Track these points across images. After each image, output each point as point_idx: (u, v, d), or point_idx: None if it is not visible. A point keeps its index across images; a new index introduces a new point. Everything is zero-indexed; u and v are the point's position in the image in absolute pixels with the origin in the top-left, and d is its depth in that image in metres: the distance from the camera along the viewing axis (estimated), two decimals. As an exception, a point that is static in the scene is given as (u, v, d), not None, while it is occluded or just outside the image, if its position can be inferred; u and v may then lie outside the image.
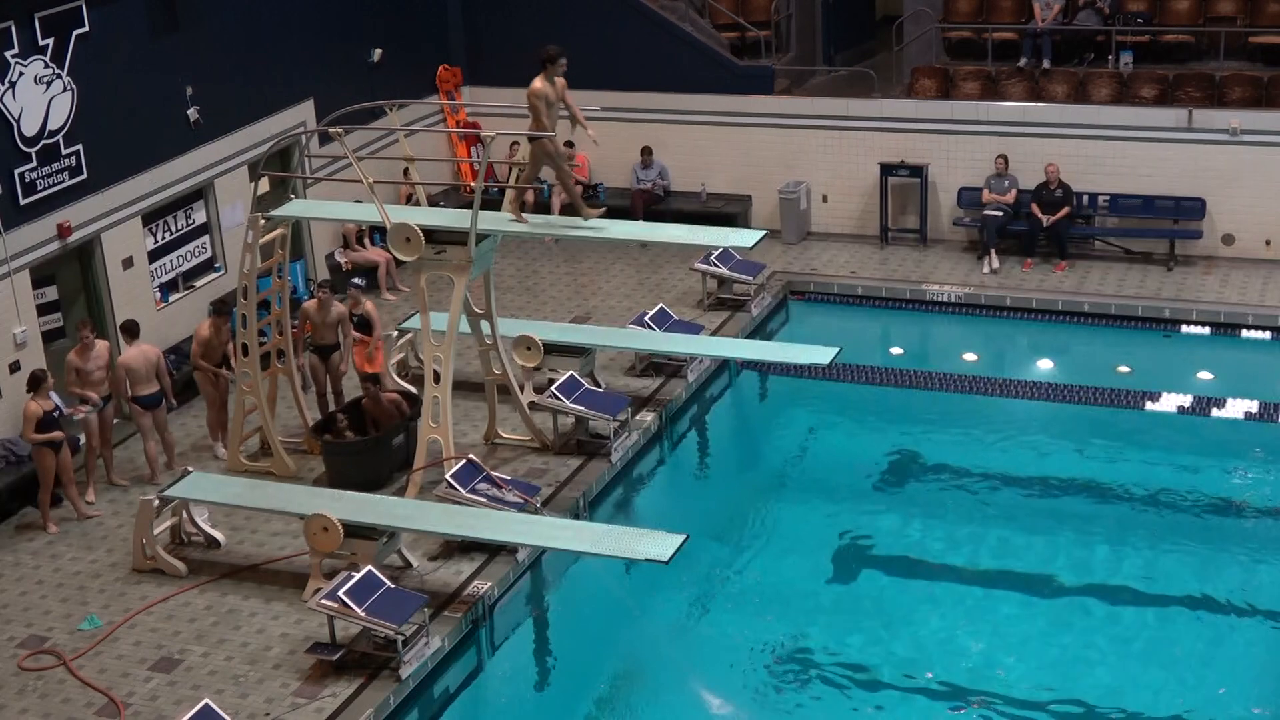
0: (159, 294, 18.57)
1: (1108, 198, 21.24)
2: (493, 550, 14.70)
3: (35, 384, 15.20)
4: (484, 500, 14.79)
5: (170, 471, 16.25)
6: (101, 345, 16.06)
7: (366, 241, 21.39)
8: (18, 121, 16.37)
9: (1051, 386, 18.71)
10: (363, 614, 12.86)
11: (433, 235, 15.38)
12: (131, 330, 16.29)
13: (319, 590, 13.44)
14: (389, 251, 16.44)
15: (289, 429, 17.21)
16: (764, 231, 16.51)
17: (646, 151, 23.02)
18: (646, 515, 16.45)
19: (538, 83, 15.24)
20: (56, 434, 15.23)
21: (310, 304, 17.35)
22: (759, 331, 20.13)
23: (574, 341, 18.01)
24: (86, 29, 17.12)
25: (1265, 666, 13.55)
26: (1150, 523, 15.89)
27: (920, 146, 21.89)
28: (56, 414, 15.28)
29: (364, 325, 17.42)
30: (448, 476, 15.00)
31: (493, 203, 17.59)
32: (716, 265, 20.31)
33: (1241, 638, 13.98)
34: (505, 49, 23.75)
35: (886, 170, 22.03)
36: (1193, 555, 15.21)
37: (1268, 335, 19.33)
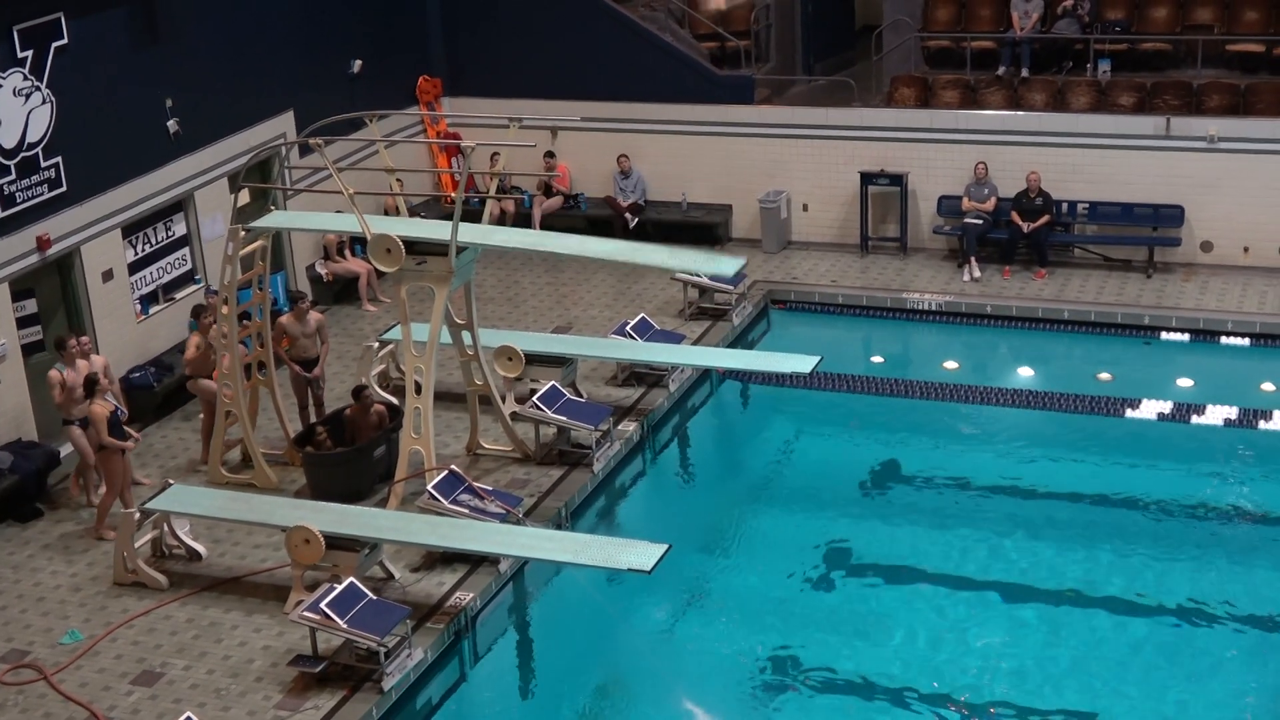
0: (139, 306, 18.53)
1: (1087, 205, 21.31)
2: (475, 561, 14.69)
3: (91, 388, 15.27)
4: (466, 511, 14.78)
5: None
6: (97, 359, 16.14)
7: (347, 253, 21.37)
8: (-4, 134, 16.36)
9: (1032, 394, 18.75)
10: (345, 626, 12.84)
11: (414, 246, 15.36)
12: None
13: (301, 602, 13.42)
14: (370, 263, 16.42)
15: (270, 441, 17.18)
16: (743, 261, 16.54)
17: (623, 159, 22.91)
18: (629, 525, 16.44)
19: None
20: (129, 443, 15.43)
21: (286, 317, 17.31)
22: (740, 341, 20.14)
23: (555, 352, 17.99)
24: (65, 41, 17.08)
25: (1248, 673, 13.57)
26: (1132, 529, 15.92)
27: (900, 155, 21.94)
28: (119, 414, 15.42)
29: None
30: (430, 487, 14.98)
31: (473, 213, 17.60)
32: (698, 275, 20.31)
33: (1224, 644, 14.01)
34: (485, 59, 23.76)
35: (866, 179, 22.07)
36: (1174, 562, 15.24)
37: (1246, 341, 19.40)
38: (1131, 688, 13.35)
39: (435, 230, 15.94)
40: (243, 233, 15.93)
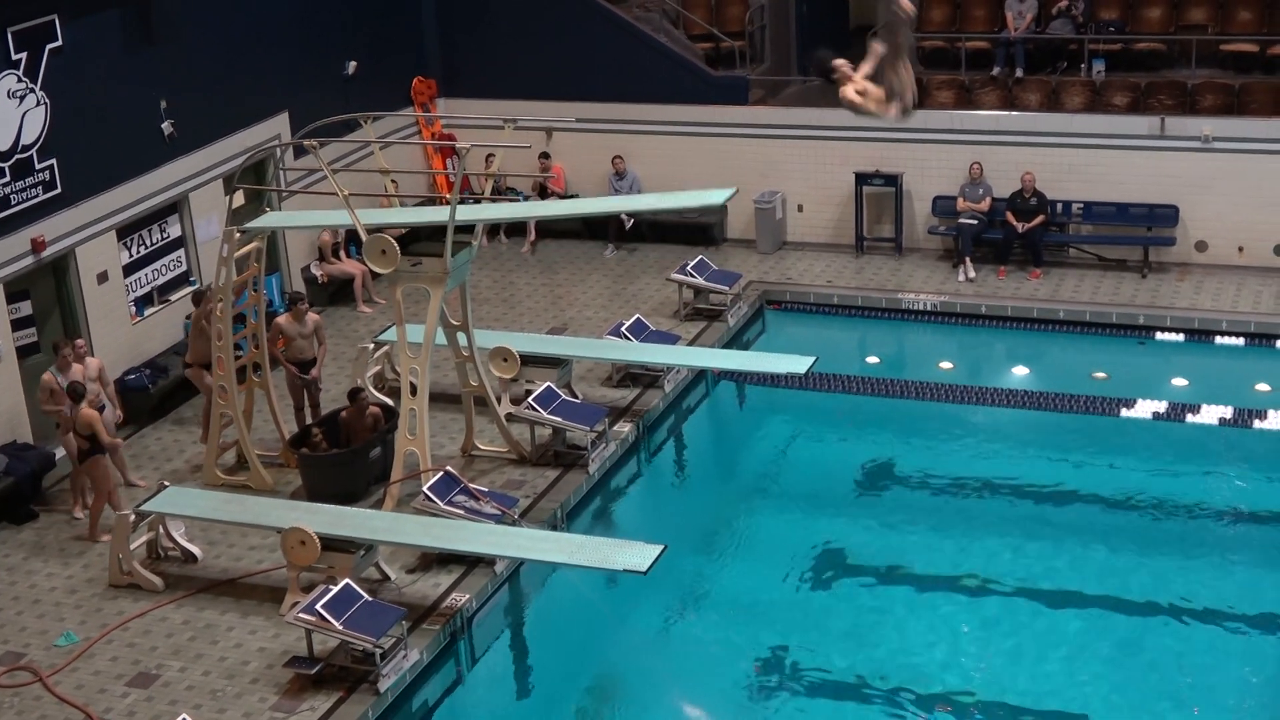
0: (134, 308, 18.51)
1: (1081, 205, 21.32)
2: (471, 562, 14.69)
3: (78, 395, 15.26)
4: (462, 512, 14.77)
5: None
6: (93, 362, 16.17)
7: (342, 254, 21.37)
8: (-9, 136, 16.35)
9: (1027, 394, 18.77)
10: (340, 627, 12.84)
11: (409, 247, 15.35)
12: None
13: (296, 604, 13.41)
14: (365, 264, 16.41)
15: (265, 442, 17.16)
16: (734, 189, 16.72)
17: (618, 160, 22.88)
18: (624, 526, 16.44)
19: None
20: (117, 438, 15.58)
21: (284, 317, 17.30)
22: (735, 341, 20.14)
23: (551, 353, 18.00)
24: (60, 43, 17.08)
25: (1242, 672, 13.59)
26: (1128, 529, 15.95)
27: (895, 155, 21.94)
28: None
29: None
30: (425, 489, 14.98)
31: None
32: (693, 275, 20.33)
33: (1218, 644, 14.02)
34: (480, 61, 23.75)
35: (861, 179, 22.08)
36: (1170, 562, 15.26)
37: (1241, 341, 19.43)
38: (1129, 686, 13.37)
39: (430, 215, 15.96)
40: (238, 234, 15.92)
